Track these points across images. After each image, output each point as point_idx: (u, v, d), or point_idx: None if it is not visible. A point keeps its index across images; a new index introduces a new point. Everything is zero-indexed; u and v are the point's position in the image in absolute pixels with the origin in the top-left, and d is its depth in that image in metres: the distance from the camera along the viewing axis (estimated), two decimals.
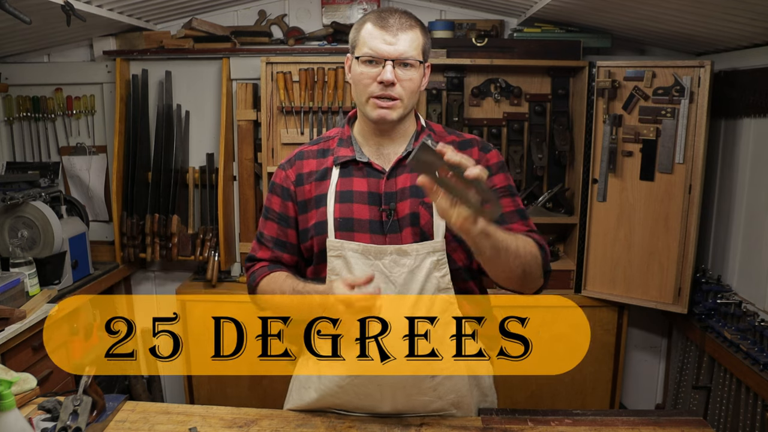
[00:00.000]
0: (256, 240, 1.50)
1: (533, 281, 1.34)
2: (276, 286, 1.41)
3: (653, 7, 2.11)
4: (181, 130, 2.97)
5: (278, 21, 2.93)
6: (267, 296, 1.43)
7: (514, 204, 1.43)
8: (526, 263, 1.28)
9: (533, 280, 1.34)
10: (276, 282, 1.42)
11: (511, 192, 1.44)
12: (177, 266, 3.11)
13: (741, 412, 2.14)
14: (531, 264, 1.30)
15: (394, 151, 1.42)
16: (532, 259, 1.30)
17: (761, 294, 2.27)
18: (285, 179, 1.46)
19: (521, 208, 1.45)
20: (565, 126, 2.79)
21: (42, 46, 2.93)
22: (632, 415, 1.46)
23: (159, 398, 3.20)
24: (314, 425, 1.42)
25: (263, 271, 1.46)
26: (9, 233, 2.48)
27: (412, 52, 1.32)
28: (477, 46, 2.70)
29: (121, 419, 1.43)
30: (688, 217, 2.48)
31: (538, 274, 1.34)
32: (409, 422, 1.41)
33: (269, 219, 1.48)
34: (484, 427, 1.40)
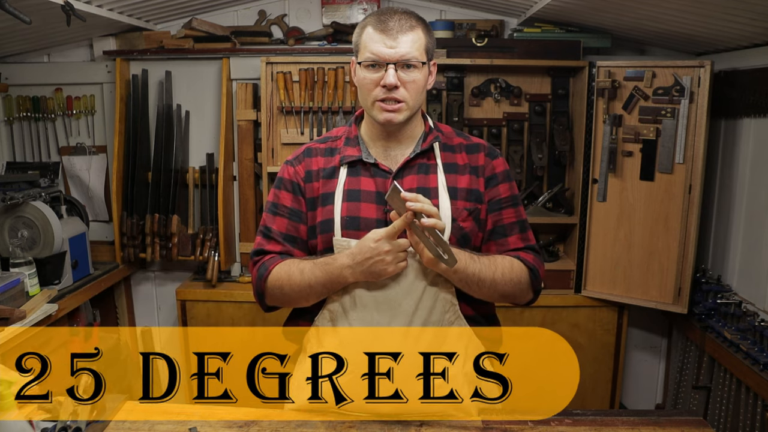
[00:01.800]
0: (262, 236, 1.45)
1: (517, 300, 1.43)
2: (293, 267, 1.37)
3: (653, 7, 2.11)
4: (181, 130, 2.97)
5: (278, 21, 2.93)
6: (284, 278, 1.38)
7: (516, 215, 1.44)
8: (503, 291, 1.36)
9: (516, 299, 1.43)
10: (292, 263, 1.38)
11: (514, 202, 1.45)
12: (177, 266, 3.11)
13: (741, 412, 2.14)
14: (510, 290, 1.38)
15: (401, 153, 1.42)
16: (512, 286, 1.37)
17: (761, 294, 2.27)
18: (294, 175, 1.45)
19: (522, 218, 1.46)
20: (565, 126, 2.79)
21: (42, 46, 2.93)
22: (632, 415, 1.46)
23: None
24: (314, 425, 1.42)
25: (275, 260, 1.41)
26: (9, 233, 2.48)
27: (414, 53, 1.32)
28: (477, 46, 2.70)
29: (121, 419, 1.43)
30: (688, 217, 2.48)
31: (522, 296, 1.42)
32: (409, 422, 1.41)
33: (278, 214, 1.44)
34: (484, 427, 1.40)
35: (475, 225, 1.41)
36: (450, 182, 1.40)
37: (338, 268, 1.31)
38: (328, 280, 1.34)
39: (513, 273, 1.36)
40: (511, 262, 1.38)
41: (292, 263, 1.39)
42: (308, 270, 1.35)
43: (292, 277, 1.37)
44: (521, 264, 1.39)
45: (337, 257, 1.33)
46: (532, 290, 1.42)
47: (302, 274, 1.35)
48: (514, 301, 1.44)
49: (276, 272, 1.39)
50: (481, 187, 1.43)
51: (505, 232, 1.43)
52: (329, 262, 1.33)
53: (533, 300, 1.46)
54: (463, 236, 1.39)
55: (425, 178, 1.40)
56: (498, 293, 1.36)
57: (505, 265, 1.36)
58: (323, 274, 1.33)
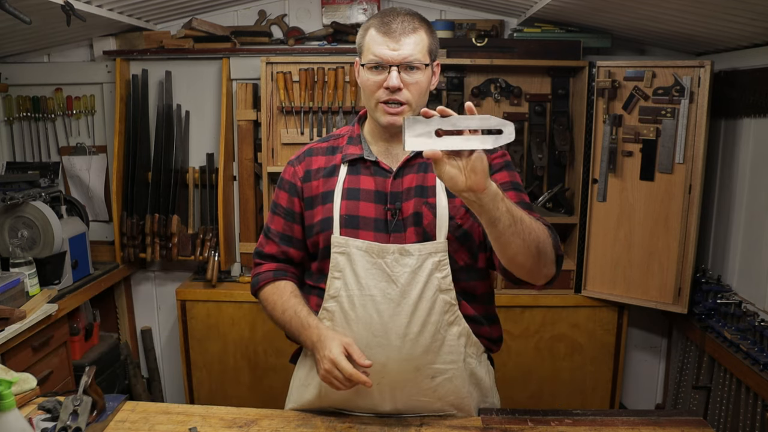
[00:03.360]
0: (264, 234, 1.53)
1: (546, 265, 1.27)
2: (279, 300, 1.46)
3: (653, 7, 2.11)
4: (181, 130, 2.97)
5: (278, 21, 2.93)
6: (268, 305, 1.49)
7: (518, 197, 1.37)
8: (539, 240, 1.22)
9: (547, 263, 1.27)
10: (281, 296, 1.46)
11: (515, 187, 1.40)
12: (177, 266, 3.11)
13: (741, 412, 2.14)
14: (544, 242, 1.24)
15: (403, 152, 1.42)
16: (544, 236, 1.24)
17: (761, 294, 2.27)
18: (293, 175, 1.48)
19: (526, 201, 1.40)
20: (565, 126, 2.79)
21: (42, 46, 2.93)
22: (632, 415, 1.46)
23: (159, 398, 3.21)
24: (314, 425, 1.42)
25: (267, 277, 1.50)
26: (9, 233, 2.48)
27: (417, 55, 1.32)
28: (477, 46, 2.70)
29: (121, 419, 1.43)
30: (688, 217, 2.48)
31: (551, 257, 1.27)
32: (409, 422, 1.41)
33: (276, 214, 1.50)
34: (484, 427, 1.40)
35: (473, 221, 1.41)
36: None
37: (307, 337, 1.39)
38: (297, 337, 1.43)
39: (539, 225, 1.25)
40: (536, 221, 1.27)
41: (280, 295, 1.46)
42: (288, 315, 1.43)
43: (275, 309, 1.46)
44: (540, 223, 1.28)
45: (311, 329, 1.38)
46: (555, 254, 1.30)
47: (283, 314, 1.44)
48: (543, 262, 1.26)
49: (264, 295, 1.50)
50: None
51: None
52: (305, 326, 1.39)
53: (556, 276, 1.33)
54: (462, 233, 1.38)
55: (424, 177, 1.40)
56: (534, 240, 1.20)
57: (531, 217, 1.25)
58: (295, 330, 1.42)
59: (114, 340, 2.98)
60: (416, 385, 1.39)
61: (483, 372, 1.48)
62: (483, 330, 1.45)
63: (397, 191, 1.39)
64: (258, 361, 2.85)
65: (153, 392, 3.18)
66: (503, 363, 2.70)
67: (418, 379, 1.38)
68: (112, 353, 2.90)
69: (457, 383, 1.41)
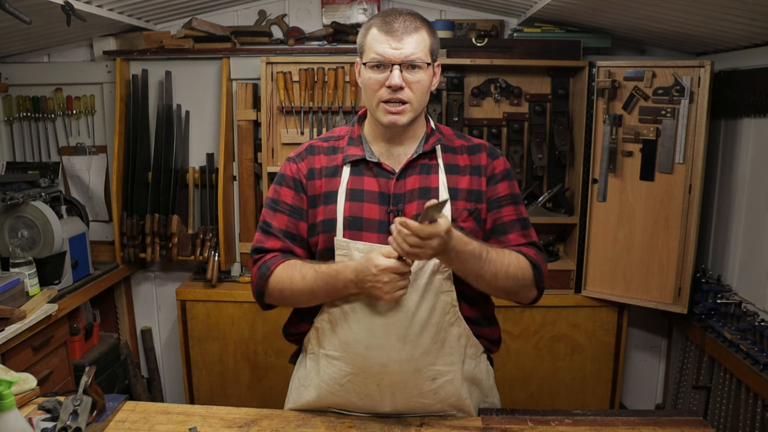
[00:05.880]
0: (261, 232, 1.45)
1: (520, 296, 1.42)
2: (295, 271, 1.36)
3: (653, 7, 2.11)
4: (181, 130, 2.97)
5: (278, 21, 2.93)
6: (285, 282, 1.37)
7: (516, 213, 1.43)
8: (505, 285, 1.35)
9: (519, 295, 1.41)
10: (294, 267, 1.37)
11: (514, 200, 1.44)
12: (177, 266, 3.11)
13: (741, 412, 2.14)
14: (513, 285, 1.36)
15: (404, 153, 1.42)
16: (515, 281, 1.36)
17: (761, 294, 2.27)
18: (297, 172, 1.44)
19: (523, 216, 1.45)
20: (565, 126, 2.79)
21: (42, 46, 2.93)
22: (632, 415, 1.46)
23: (159, 398, 3.21)
24: (314, 425, 1.42)
25: (277, 260, 1.40)
26: (9, 233, 2.48)
27: (419, 54, 1.32)
28: (477, 46, 2.70)
29: (121, 419, 1.43)
30: (688, 217, 2.48)
31: (525, 292, 1.41)
32: (409, 422, 1.41)
33: (279, 211, 1.43)
34: (484, 427, 1.40)
35: (475, 225, 1.41)
36: (451, 183, 1.40)
37: (342, 281, 1.31)
38: (332, 290, 1.34)
39: (518, 267, 1.35)
40: (517, 256, 1.37)
41: (294, 266, 1.38)
42: (311, 277, 1.34)
43: (293, 281, 1.36)
44: (524, 259, 1.37)
45: (341, 270, 1.32)
46: (536, 287, 1.40)
47: (304, 280, 1.35)
48: (516, 297, 1.41)
49: (278, 274, 1.38)
50: (482, 187, 1.43)
51: (505, 229, 1.42)
52: (333, 275, 1.32)
53: (537, 298, 1.43)
54: None
55: (427, 178, 1.40)
56: (500, 285, 1.34)
57: (511, 258, 1.35)
58: (326, 285, 1.33)
59: (114, 340, 2.98)
60: (417, 386, 1.39)
61: (483, 372, 1.49)
62: (483, 331, 1.46)
63: (399, 193, 1.39)
64: (258, 361, 2.85)
65: (153, 392, 3.18)
66: (503, 363, 2.70)
67: (418, 381, 1.38)
68: (112, 353, 2.90)
69: (458, 385, 1.41)
